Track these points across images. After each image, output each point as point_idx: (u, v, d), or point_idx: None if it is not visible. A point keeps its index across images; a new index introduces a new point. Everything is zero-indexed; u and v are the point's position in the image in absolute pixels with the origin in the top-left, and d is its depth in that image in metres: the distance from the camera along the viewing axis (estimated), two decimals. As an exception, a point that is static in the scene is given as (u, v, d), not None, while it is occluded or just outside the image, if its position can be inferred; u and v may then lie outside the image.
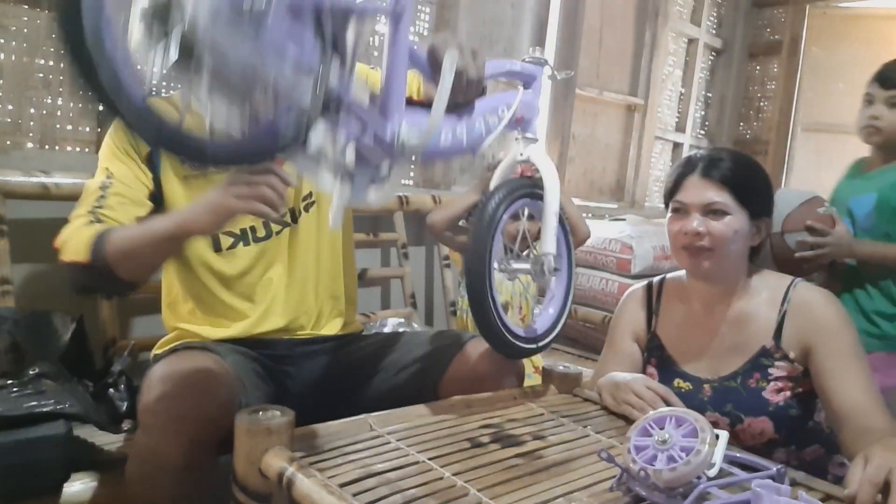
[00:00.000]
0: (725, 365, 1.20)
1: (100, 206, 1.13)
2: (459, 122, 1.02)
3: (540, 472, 0.86)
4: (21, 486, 1.05)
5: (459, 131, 1.01)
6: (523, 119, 1.12)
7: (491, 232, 1.03)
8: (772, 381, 1.16)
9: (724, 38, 4.11)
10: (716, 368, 1.21)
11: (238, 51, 0.66)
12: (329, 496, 0.74)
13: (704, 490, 0.77)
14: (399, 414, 1.00)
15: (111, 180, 1.16)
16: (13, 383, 1.18)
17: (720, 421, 1.16)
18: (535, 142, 1.13)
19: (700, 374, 1.22)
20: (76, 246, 1.06)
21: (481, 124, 1.05)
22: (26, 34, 1.64)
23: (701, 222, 1.16)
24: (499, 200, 1.05)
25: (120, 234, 1.06)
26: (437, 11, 2.61)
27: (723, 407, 1.17)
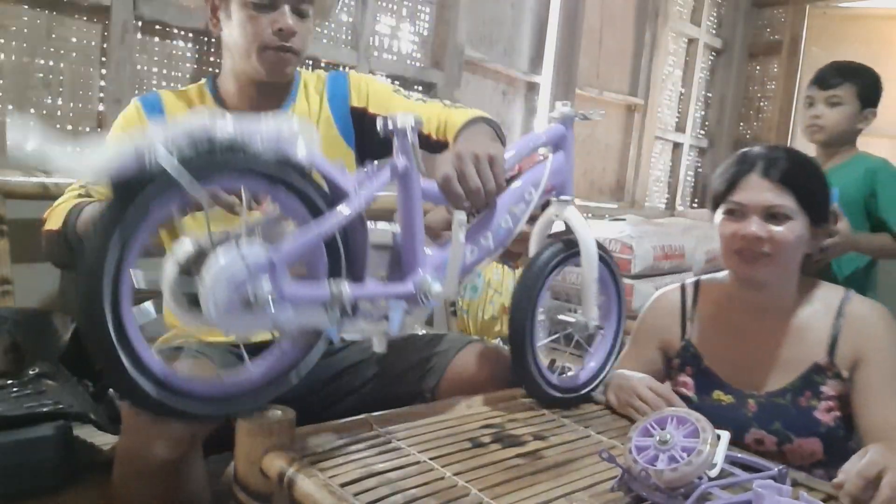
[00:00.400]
0: (773, 380, 1.13)
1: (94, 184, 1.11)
2: (483, 231, 0.97)
3: (541, 473, 0.85)
4: (21, 486, 1.05)
5: (485, 241, 0.97)
6: (555, 186, 1.06)
7: (537, 289, 1.02)
8: (823, 400, 1.10)
9: (724, 38, 4.11)
10: (762, 383, 1.14)
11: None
12: (330, 496, 0.74)
13: (706, 490, 0.77)
14: (400, 414, 1.00)
15: None
16: (13, 383, 1.18)
17: (766, 439, 1.11)
18: (570, 203, 1.07)
19: (744, 387, 1.15)
20: (56, 215, 1.06)
21: (507, 221, 1.00)
22: (26, 34, 1.64)
23: (761, 226, 1.07)
24: (549, 256, 1.04)
25: (95, 208, 1.03)
26: (437, 11, 2.61)
27: (770, 425, 1.11)
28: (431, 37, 2.61)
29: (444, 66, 2.58)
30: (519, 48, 3.02)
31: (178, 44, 1.92)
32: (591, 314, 1.09)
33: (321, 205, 0.76)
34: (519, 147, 1.02)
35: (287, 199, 0.75)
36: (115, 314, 0.64)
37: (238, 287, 0.67)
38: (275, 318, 0.71)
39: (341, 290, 0.76)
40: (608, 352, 1.17)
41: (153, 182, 0.63)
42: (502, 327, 1.69)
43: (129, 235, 0.64)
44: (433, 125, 1.24)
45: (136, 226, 0.64)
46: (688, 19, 3.86)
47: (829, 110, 1.79)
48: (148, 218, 0.65)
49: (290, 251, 0.72)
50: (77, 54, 1.72)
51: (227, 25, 1.19)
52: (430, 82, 2.59)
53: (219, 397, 0.77)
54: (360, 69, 2.29)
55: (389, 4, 2.46)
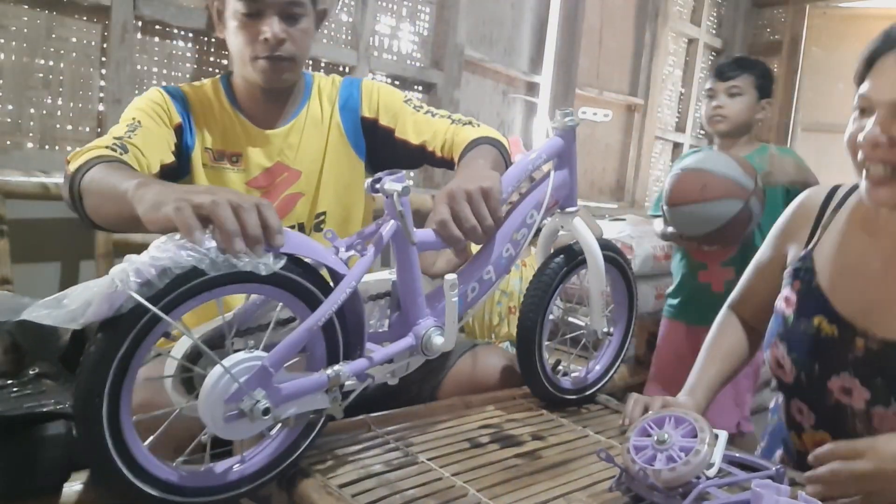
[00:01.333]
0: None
1: (128, 137, 1.06)
2: (484, 267, 0.95)
3: (539, 473, 0.86)
4: (21, 486, 1.05)
5: (486, 276, 0.95)
6: (559, 201, 1.03)
7: (545, 301, 1.03)
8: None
9: (724, 38, 4.11)
10: (882, 324, 0.89)
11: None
12: (328, 497, 0.74)
13: (703, 490, 0.77)
14: (398, 414, 1.00)
15: (139, 124, 1.11)
16: (13, 383, 1.18)
17: (857, 392, 0.89)
18: (574, 214, 1.05)
19: (857, 322, 0.91)
20: (81, 156, 0.99)
21: (509, 249, 0.97)
22: (26, 34, 1.64)
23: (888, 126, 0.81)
24: (557, 268, 1.04)
25: (103, 169, 0.95)
26: (437, 11, 2.61)
27: (871, 376, 0.88)
28: (431, 37, 2.61)
29: (444, 66, 2.58)
30: (519, 48, 3.02)
31: (178, 44, 1.92)
32: (599, 323, 1.09)
33: (317, 294, 0.76)
34: (516, 173, 0.99)
35: (279, 294, 0.74)
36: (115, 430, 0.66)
37: (232, 401, 0.69)
38: (274, 416, 0.72)
39: (338, 373, 0.77)
40: (614, 355, 1.18)
41: (132, 317, 0.65)
42: (509, 329, 1.68)
43: (125, 364, 0.66)
44: (438, 142, 1.23)
45: (126, 356, 0.66)
46: (688, 19, 3.86)
47: (730, 100, 1.92)
48: (139, 347, 0.66)
49: (282, 352, 0.72)
50: (77, 54, 1.72)
51: (226, 33, 1.20)
52: (430, 82, 2.59)
53: (218, 487, 0.75)
54: (360, 69, 2.29)
55: (389, 4, 2.46)
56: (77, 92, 1.73)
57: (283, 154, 1.25)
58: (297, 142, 1.26)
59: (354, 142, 1.30)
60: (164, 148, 1.14)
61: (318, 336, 0.78)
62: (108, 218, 0.95)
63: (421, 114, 1.27)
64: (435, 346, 0.88)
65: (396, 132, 1.26)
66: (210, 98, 1.24)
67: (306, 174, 1.26)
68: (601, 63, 3.43)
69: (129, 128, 1.10)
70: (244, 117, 1.24)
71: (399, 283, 0.88)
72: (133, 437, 0.68)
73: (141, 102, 1.18)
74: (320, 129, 1.28)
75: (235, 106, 1.24)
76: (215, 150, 1.22)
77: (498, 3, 2.86)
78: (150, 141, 1.11)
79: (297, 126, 1.26)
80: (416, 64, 2.58)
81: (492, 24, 2.86)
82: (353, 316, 0.80)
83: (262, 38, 1.14)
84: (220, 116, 1.23)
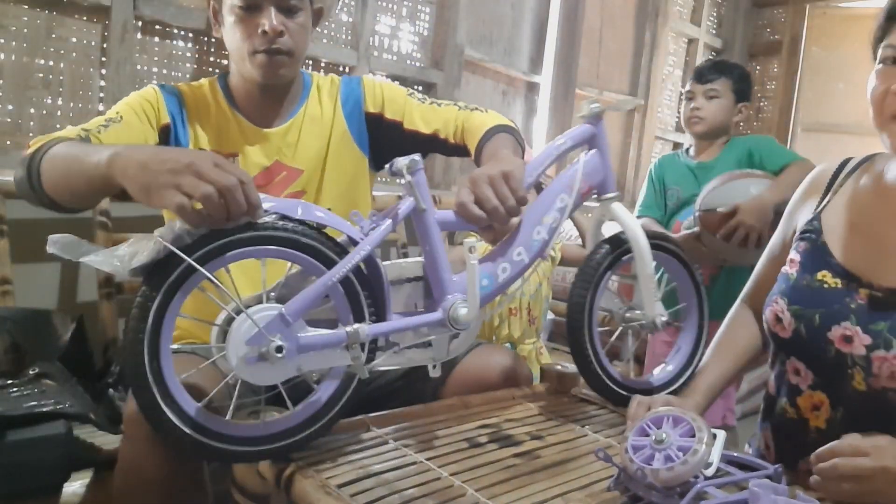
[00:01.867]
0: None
1: (97, 131, 1.07)
2: (514, 247, 0.97)
3: (538, 472, 0.86)
4: (21, 486, 1.05)
5: (517, 256, 0.97)
6: (593, 187, 1.04)
7: (591, 290, 1.03)
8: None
9: (724, 38, 4.11)
10: (883, 274, 0.89)
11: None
12: (327, 497, 0.74)
13: (701, 490, 0.77)
14: (397, 414, 1.00)
15: (120, 119, 1.12)
16: (13, 383, 1.18)
17: (857, 338, 0.89)
18: (615, 200, 1.06)
19: (863, 275, 0.91)
20: (41, 141, 1.00)
21: (540, 232, 0.99)
22: (26, 34, 1.64)
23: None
24: (601, 257, 1.05)
25: (65, 145, 0.97)
26: (437, 11, 2.61)
27: (872, 323, 0.88)
28: (431, 37, 2.62)
29: (444, 66, 2.58)
30: (519, 48, 3.02)
31: (178, 44, 1.93)
32: (654, 309, 1.06)
33: (333, 256, 0.83)
34: (542, 157, 1.02)
35: (299, 258, 0.82)
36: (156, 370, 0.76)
37: (252, 343, 0.77)
38: (296, 365, 0.80)
39: (357, 331, 0.82)
40: (687, 359, 1.12)
41: (170, 267, 0.75)
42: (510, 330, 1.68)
43: (162, 309, 0.76)
44: (451, 130, 1.25)
45: (165, 303, 0.76)
46: (688, 19, 3.86)
47: (708, 103, 1.94)
48: (175, 295, 0.76)
49: (300, 303, 0.79)
50: (77, 54, 1.73)
51: (223, 29, 1.20)
52: (430, 82, 2.59)
53: (236, 437, 0.81)
54: (360, 69, 2.30)
55: (389, 4, 2.46)
56: (77, 92, 1.74)
57: (281, 153, 1.24)
58: (296, 140, 1.25)
59: (358, 138, 1.29)
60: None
61: (340, 295, 0.84)
62: (72, 192, 0.96)
63: (427, 104, 1.28)
64: (461, 317, 0.90)
65: (405, 124, 1.27)
66: (207, 98, 1.23)
67: (308, 172, 1.25)
68: (601, 63, 3.43)
69: (106, 122, 1.11)
70: (241, 116, 1.23)
71: (425, 256, 0.92)
72: (170, 372, 0.77)
73: (131, 98, 1.18)
74: (320, 126, 1.27)
75: (233, 105, 1.24)
76: (211, 151, 1.20)
77: (498, 3, 2.87)
78: (124, 137, 1.10)
79: (296, 124, 1.26)
80: (416, 64, 2.59)
81: (492, 24, 2.86)
82: (374, 279, 0.86)
83: (259, 31, 1.13)
84: (216, 116, 1.23)
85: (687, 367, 1.12)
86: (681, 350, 1.14)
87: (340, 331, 0.82)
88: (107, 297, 1.56)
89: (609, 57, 3.47)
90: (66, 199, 0.98)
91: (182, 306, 0.78)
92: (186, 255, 0.74)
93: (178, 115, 1.20)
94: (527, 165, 0.98)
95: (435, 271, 0.91)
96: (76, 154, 0.92)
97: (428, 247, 0.91)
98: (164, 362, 0.76)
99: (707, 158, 1.99)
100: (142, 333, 0.74)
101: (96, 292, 1.56)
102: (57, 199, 0.98)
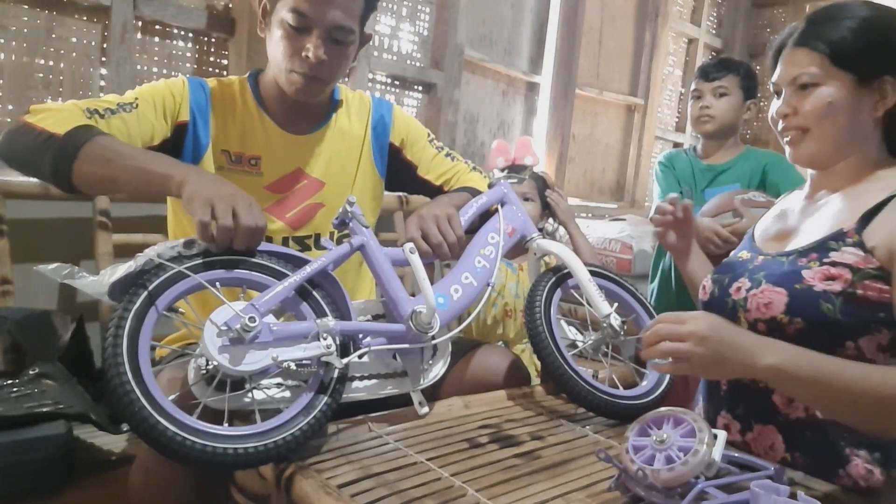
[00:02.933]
0: (794, 242, 1.04)
1: (103, 114, 1.07)
2: (462, 273, 1.12)
3: (538, 473, 0.86)
4: (21, 486, 1.05)
5: (466, 280, 1.11)
6: (516, 230, 1.24)
7: (541, 308, 1.13)
8: (826, 264, 0.94)
9: (724, 38, 4.11)
10: (784, 245, 1.06)
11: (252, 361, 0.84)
12: (327, 497, 0.74)
13: (702, 490, 0.77)
14: (397, 415, 1.00)
15: (134, 107, 1.11)
16: (13, 383, 1.18)
17: (743, 286, 1.03)
18: (538, 237, 1.24)
19: (767, 248, 1.09)
20: (60, 118, 1.00)
21: (481, 261, 1.15)
22: (26, 34, 1.64)
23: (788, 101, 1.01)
24: (540, 279, 1.19)
25: (115, 142, 1.01)
26: (437, 11, 2.61)
27: (755, 274, 1.03)
28: (431, 37, 2.62)
29: (444, 66, 2.58)
30: (519, 48, 3.02)
31: (178, 44, 1.93)
32: (602, 309, 1.16)
33: (286, 271, 0.94)
34: (471, 209, 1.20)
35: (253, 277, 0.93)
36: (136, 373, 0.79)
37: (230, 323, 0.82)
38: (272, 353, 0.84)
39: (326, 323, 0.89)
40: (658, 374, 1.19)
41: (150, 274, 0.85)
42: (504, 331, 1.69)
43: (142, 313, 0.82)
44: (452, 182, 1.36)
45: (146, 306, 0.83)
46: (688, 19, 3.86)
47: (717, 101, 1.91)
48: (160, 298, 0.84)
49: (267, 298, 0.88)
50: (77, 54, 1.73)
51: (268, 34, 1.18)
52: (430, 82, 2.59)
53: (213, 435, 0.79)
54: (360, 69, 2.30)
55: (389, 4, 2.46)
56: (77, 92, 1.74)
57: (304, 161, 1.24)
58: (321, 152, 1.26)
59: (380, 162, 1.34)
60: (147, 139, 1.12)
61: (299, 301, 0.93)
62: (115, 187, 1.00)
63: (442, 154, 1.39)
64: (422, 318, 0.99)
65: (419, 171, 1.36)
66: (235, 96, 1.22)
67: (330, 186, 1.26)
68: (601, 63, 3.43)
69: (118, 106, 1.10)
70: (269, 118, 1.22)
71: (377, 282, 1.03)
72: (147, 367, 0.80)
73: (157, 87, 1.17)
74: (349, 143, 1.29)
75: (261, 106, 1.23)
76: (233, 152, 1.20)
77: (498, 3, 2.87)
78: (131, 127, 1.09)
79: (322, 136, 1.26)
80: (416, 64, 2.59)
81: (492, 24, 2.86)
82: (331, 287, 0.97)
83: (303, 55, 1.13)
84: (242, 116, 1.22)
85: (662, 377, 1.20)
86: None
87: (310, 322, 0.90)
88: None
89: (609, 57, 3.47)
90: (96, 187, 1.02)
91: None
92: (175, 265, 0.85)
93: (202, 112, 1.18)
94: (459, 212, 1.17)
95: (388, 292, 1.01)
96: (138, 159, 0.99)
97: (378, 274, 1.02)
98: (143, 355, 0.80)
99: (718, 161, 1.96)
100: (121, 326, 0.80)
101: (96, 292, 1.56)
102: (81, 185, 1.00)
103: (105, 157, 0.97)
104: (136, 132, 1.10)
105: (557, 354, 1.09)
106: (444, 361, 1.06)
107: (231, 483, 0.85)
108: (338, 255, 0.97)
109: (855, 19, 0.97)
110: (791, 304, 0.95)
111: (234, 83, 1.24)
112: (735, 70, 1.93)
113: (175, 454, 0.75)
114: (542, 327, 1.10)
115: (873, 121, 0.99)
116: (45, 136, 0.98)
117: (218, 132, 1.19)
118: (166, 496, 0.94)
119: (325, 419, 0.87)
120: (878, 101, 0.98)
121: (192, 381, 0.85)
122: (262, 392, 0.88)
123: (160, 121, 1.14)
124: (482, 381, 1.17)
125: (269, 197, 1.21)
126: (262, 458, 0.79)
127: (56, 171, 0.98)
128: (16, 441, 1.05)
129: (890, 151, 1.02)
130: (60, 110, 1.03)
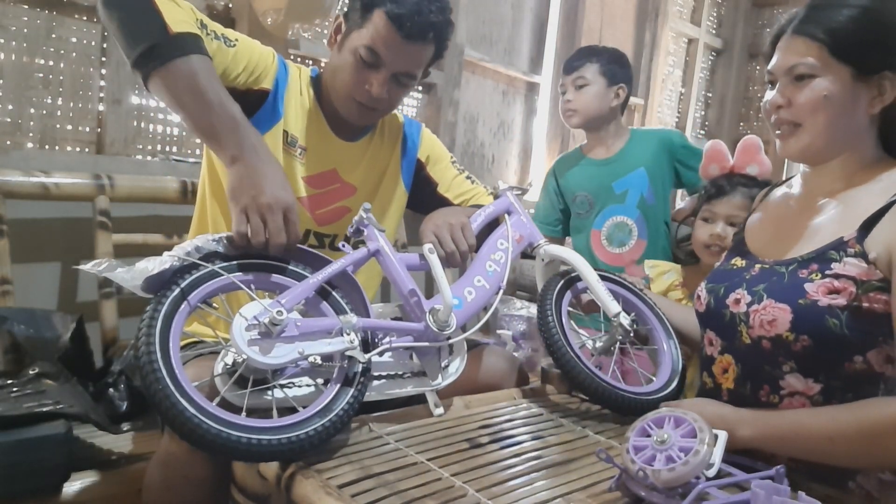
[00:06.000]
0: (793, 250, 1.00)
1: (209, 33, 1.09)
2: (474, 277, 1.14)
3: (538, 473, 0.86)
4: (21, 486, 1.05)
5: (479, 283, 1.13)
6: (524, 237, 1.26)
7: (551, 308, 1.14)
8: (828, 277, 0.92)
9: (724, 38, 4.11)
10: (780, 253, 1.02)
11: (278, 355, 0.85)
12: (328, 497, 0.74)
13: (703, 490, 0.77)
14: (398, 415, 1.00)
15: (232, 45, 1.14)
16: (13, 383, 1.18)
17: (743, 299, 1.01)
18: (546, 244, 1.26)
19: (763, 255, 1.05)
20: (180, 16, 1.02)
21: (492, 265, 1.17)
22: (26, 34, 1.64)
23: (782, 93, 0.99)
24: (549, 282, 1.21)
25: (207, 67, 1.02)
26: (437, 11, 2.60)
27: (754, 286, 1.00)
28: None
29: (444, 66, 2.58)
30: (519, 48, 3.02)
31: (178, 44, 1.92)
32: (612, 308, 1.15)
33: (305, 273, 0.96)
34: (479, 218, 1.24)
35: (274, 279, 0.96)
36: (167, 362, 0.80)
37: (257, 318, 0.84)
38: (299, 347, 0.85)
39: (349, 318, 0.91)
40: (671, 366, 1.18)
41: (180, 271, 0.87)
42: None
43: (173, 309, 0.84)
44: (469, 202, 1.41)
45: (178, 301, 0.85)
46: (688, 19, 3.86)
47: (577, 93, 1.85)
48: (192, 294, 0.87)
49: (291, 296, 0.90)
50: (77, 54, 1.73)
51: (336, 53, 1.24)
52: (430, 82, 2.59)
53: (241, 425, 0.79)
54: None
55: (389, 4, 2.45)
56: (77, 92, 1.73)
57: (341, 165, 1.30)
58: (359, 160, 1.32)
59: (405, 175, 1.41)
60: (229, 80, 1.13)
61: (318, 301, 0.95)
62: (174, 105, 1.01)
63: (462, 177, 1.45)
64: (440, 315, 1.01)
65: (439, 188, 1.43)
66: (303, 87, 1.29)
67: (360, 193, 1.32)
68: (601, 63, 3.43)
69: (221, 36, 1.12)
70: (323, 116, 1.29)
71: (394, 286, 1.04)
72: (177, 358, 0.81)
73: (254, 46, 1.20)
74: (381, 156, 1.37)
75: (318, 101, 1.29)
76: (291, 134, 1.26)
77: (498, 3, 2.87)
78: (217, 62, 1.09)
79: (362, 145, 1.33)
80: (416, 64, 2.58)
81: (492, 24, 2.86)
82: (350, 289, 1.00)
83: (366, 87, 1.20)
84: (303, 106, 1.28)
85: (673, 372, 1.18)
86: (663, 363, 1.19)
87: (333, 319, 0.92)
88: (107, 297, 1.56)
89: (609, 57, 3.47)
90: (163, 97, 1.03)
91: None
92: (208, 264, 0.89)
93: (280, 90, 1.23)
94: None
95: (405, 295, 1.03)
96: (215, 105, 0.99)
97: (393, 278, 1.04)
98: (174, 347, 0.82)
99: (609, 154, 1.90)
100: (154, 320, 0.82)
101: (96, 292, 1.56)
102: (154, 87, 1.01)
103: (189, 83, 0.99)
104: (225, 68, 1.13)
105: (573, 355, 1.08)
106: (462, 360, 1.07)
107: (231, 483, 0.85)
108: (356, 257, 1.01)
109: (857, 8, 0.94)
110: (796, 321, 0.92)
111: (303, 73, 1.30)
112: (595, 58, 1.85)
113: (210, 445, 0.76)
114: (555, 329, 1.10)
115: (869, 118, 0.97)
116: (159, 25, 0.99)
117: (287, 112, 1.25)
118: (185, 494, 0.94)
119: (352, 411, 0.88)
120: (876, 98, 0.95)
121: (217, 374, 0.87)
122: (281, 391, 0.89)
123: (244, 76, 1.17)
124: (482, 382, 1.17)
125: (306, 189, 1.26)
126: (304, 445, 0.81)
127: (142, 61, 1.00)
128: (15, 441, 1.05)
129: (885, 149, 1.00)
130: (181, 7, 1.05)
